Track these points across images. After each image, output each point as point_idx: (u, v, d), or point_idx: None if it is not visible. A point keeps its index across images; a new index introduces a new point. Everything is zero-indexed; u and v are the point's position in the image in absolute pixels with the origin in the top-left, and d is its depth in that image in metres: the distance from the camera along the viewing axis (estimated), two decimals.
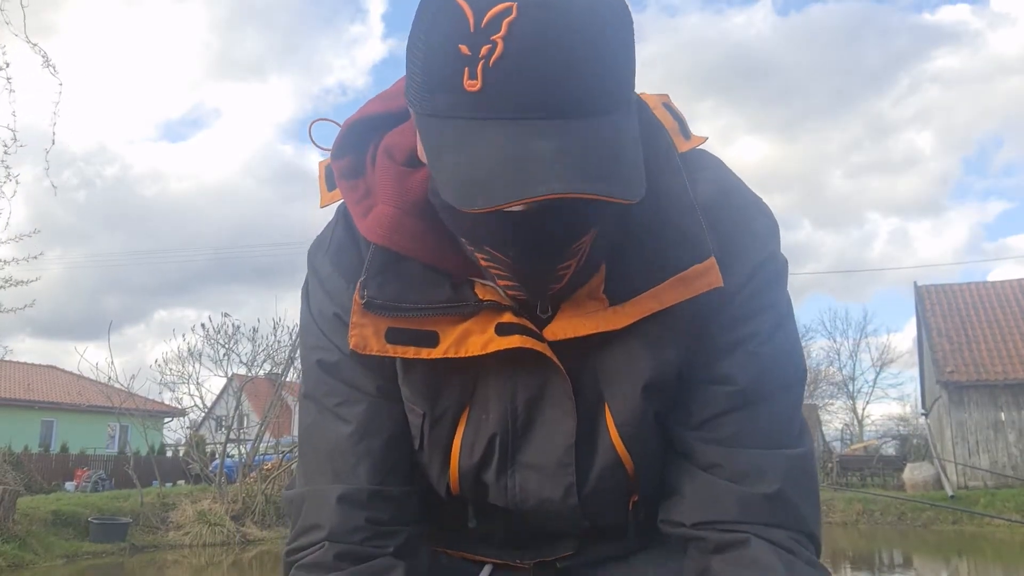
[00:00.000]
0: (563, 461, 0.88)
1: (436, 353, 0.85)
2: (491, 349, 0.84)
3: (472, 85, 0.68)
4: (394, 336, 0.86)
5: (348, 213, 0.92)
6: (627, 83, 0.75)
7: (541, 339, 0.85)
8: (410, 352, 0.86)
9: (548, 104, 0.68)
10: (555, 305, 0.85)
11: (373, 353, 0.86)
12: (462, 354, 0.84)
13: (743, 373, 0.87)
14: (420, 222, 0.84)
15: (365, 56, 75.37)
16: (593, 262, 0.83)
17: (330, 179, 0.94)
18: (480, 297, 0.86)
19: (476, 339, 0.84)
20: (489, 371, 0.88)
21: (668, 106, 0.95)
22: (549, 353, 0.85)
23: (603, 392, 0.87)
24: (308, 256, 0.98)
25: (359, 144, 0.91)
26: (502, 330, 0.84)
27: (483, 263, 0.81)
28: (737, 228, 0.89)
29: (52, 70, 7.29)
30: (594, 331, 0.83)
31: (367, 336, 0.86)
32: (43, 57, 7.20)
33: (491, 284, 0.85)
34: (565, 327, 0.84)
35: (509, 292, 0.83)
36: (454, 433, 0.90)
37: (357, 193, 0.89)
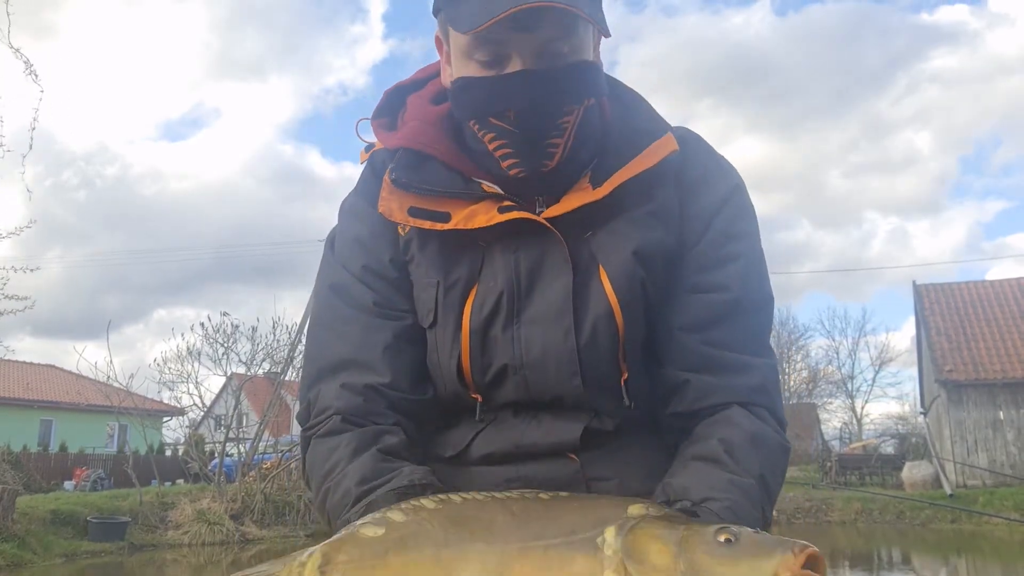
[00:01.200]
0: (562, 308, 1.01)
1: (448, 225, 1.02)
2: (494, 222, 1.01)
3: None
4: (414, 212, 1.04)
5: (375, 162, 1.14)
6: None
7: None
8: (426, 224, 1.03)
9: None
10: (550, 203, 1.04)
11: (396, 220, 1.06)
12: (470, 226, 1.02)
13: (736, 284, 1.05)
14: (440, 132, 1.08)
15: (366, 56, 75.48)
16: (580, 159, 1.04)
17: (369, 149, 1.17)
18: (485, 190, 1.05)
19: (482, 216, 1.02)
20: (494, 249, 1.04)
21: None
22: (546, 223, 1.02)
23: (597, 257, 1.03)
24: (339, 208, 1.17)
25: (394, 107, 1.14)
26: (503, 210, 1.02)
27: (491, 145, 1.01)
28: (710, 158, 1.12)
29: (33, 76, 7.26)
30: (581, 203, 1.02)
31: (392, 208, 1.05)
32: (25, 63, 7.17)
33: (495, 187, 1.05)
34: (557, 208, 1.02)
35: (512, 171, 1.01)
36: (466, 298, 1.03)
37: (390, 136, 1.11)
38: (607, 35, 1.03)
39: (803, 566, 0.74)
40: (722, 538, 0.77)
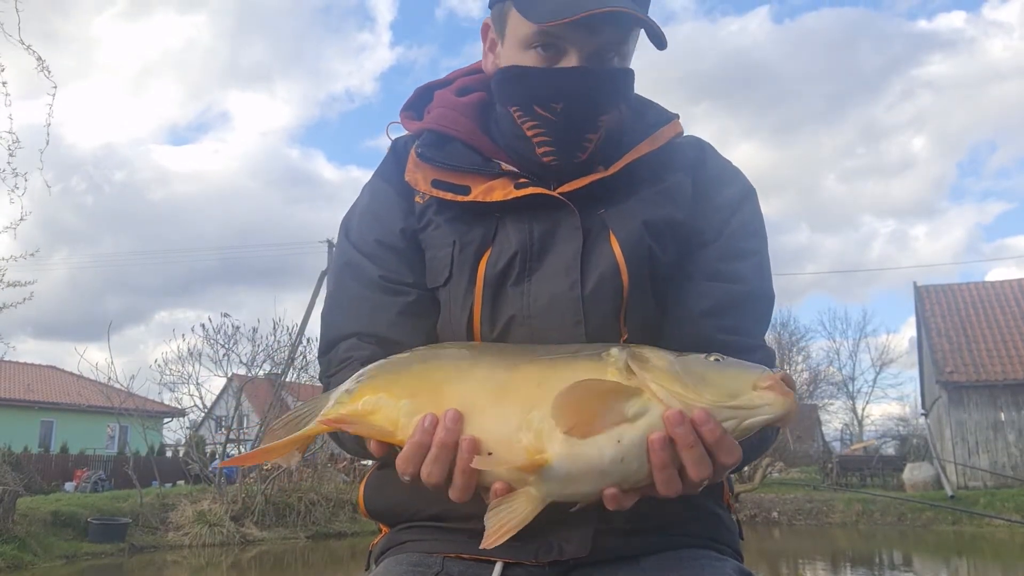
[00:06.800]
0: (570, 265, 1.07)
1: (467, 198, 1.10)
2: (511, 196, 1.08)
3: None
4: (436, 184, 1.12)
5: (397, 146, 1.22)
6: None
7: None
8: (448, 195, 1.10)
9: None
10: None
11: (420, 190, 1.13)
12: (488, 199, 1.09)
13: (752, 277, 1.12)
14: (463, 117, 1.16)
15: (372, 64, 75.66)
16: (602, 153, 1.11)
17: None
18: (503, 169, 1.11)
19: (499, 191, 1.09)
20: (508, 220, 1.10)
21: None
22: (560, 197, 1.08)
23: (608, 225, 1.09)
24: (360, 190, 1.24)
25: (422, 103, 1.22)
26: (520, 186, 1.09)
27: (530, 132, 1.08)
28: (726, 161, 1.21)
29: (46, 73, 7.26)
30: (592, 179, 1.09)
31: (417, 178, 1.13)
32: (38, 60, 7.18)
33: (513, 168, 1.11)
34: (571, 185, 1.09)
35: (545, 158, 1.08)
36: (481, 256, 1.09)
37: (416, 124, 1.20)
38: (661, 47, 1.05)
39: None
40: (712, 359, 0.89)
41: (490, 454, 0.85)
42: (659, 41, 1.05)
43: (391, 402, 0.91)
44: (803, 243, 60.33)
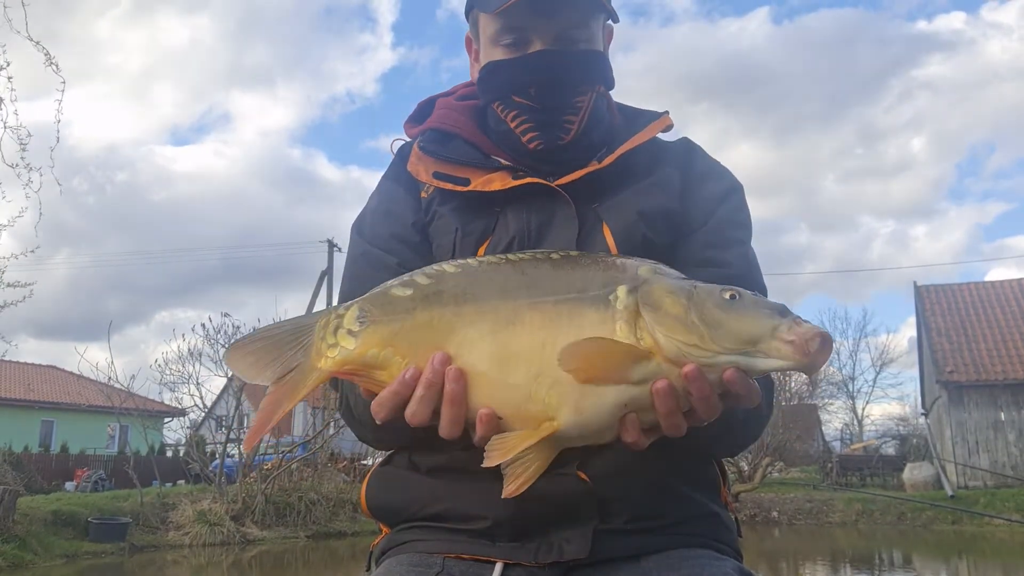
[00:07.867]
0: None
1: (468, 188, 1.15)
2: (509, 186, 1.13)
3: None
4: (438, 175, 1.17)
5: (403, 150, 1.27)
6: None
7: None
8: (448, 186, 1.16)
9: None
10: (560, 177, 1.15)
11: (422, 180, 1.19)
12: (487, 189, 1.14)
13: (739, 264, 1.15)
14: (463, 116, 1.23)
15: (374, 65, 75.76)
16: (591, 142, 1.17)
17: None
18: (502, 163, 1.17)
19: (498, 182, 1.14)
20: (508, 212, 1.15)
21: None
22: (557, 188, 1.13)
23: (602, 217, 1.13)
24: (370, 195, 1.29)
25: (424, 114, 1.27)
26: (518, 177, 1.14)
27: (513, 123, 1.16)
28: (714, 159, 1.26)
29: (55, 68, 7.27)
30: (587, 171, 1.14)
31: (420, 170, 1.19)
32: (46, 55, 7.19)
33: (511, 164, 1.17)
34: (567, 177, 1.14)
35: (531, 144, 1.15)
36: (482, 244, 1.13)
37: (418, 128, 1.25)
38: (615, 20, 1.19)
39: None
40: (727, 295, 0.86)
41: (500, 419, 0.87)
42: (612, 17, 1.17)
43: (401, 362, 0.91)
44: (803, 243, 60.47)
